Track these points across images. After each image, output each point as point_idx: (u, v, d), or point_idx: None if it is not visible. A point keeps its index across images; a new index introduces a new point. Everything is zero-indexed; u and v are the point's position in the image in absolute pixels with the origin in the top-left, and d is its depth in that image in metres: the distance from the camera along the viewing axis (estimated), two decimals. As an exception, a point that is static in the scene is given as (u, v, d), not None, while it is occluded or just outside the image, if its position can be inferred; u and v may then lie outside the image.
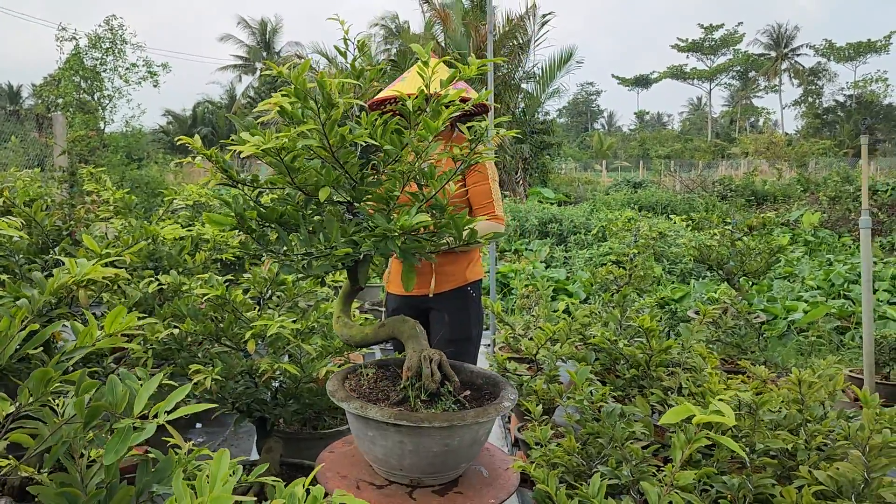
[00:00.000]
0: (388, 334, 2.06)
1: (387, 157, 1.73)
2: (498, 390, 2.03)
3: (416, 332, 1.99)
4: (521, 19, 21.37)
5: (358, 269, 1.94)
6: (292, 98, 1.60)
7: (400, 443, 1.76)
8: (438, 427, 1.72)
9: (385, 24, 28.53)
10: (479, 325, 2.88)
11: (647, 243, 5.79)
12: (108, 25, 14.68)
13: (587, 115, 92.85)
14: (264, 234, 1.78)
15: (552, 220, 13.80)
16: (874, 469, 1.88)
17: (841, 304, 7.19)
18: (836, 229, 14.12)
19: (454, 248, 1.87)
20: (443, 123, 1.72)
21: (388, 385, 2.02)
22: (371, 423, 1.78)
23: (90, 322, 1.28)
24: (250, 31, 45.94)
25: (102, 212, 3.66)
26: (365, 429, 1.82)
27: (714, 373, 2.74)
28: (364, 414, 1.75)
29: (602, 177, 34.46)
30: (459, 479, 1.94)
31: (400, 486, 1.86)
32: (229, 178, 1.82)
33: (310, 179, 1.69)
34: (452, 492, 1.86)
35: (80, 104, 14.47)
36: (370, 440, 1.83)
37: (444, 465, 1.83)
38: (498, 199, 2.74)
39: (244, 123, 1.81)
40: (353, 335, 2.07)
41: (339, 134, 1.57)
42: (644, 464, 2.02)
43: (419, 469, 1.81)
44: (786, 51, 62.95)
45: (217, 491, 1.01)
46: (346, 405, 1.81)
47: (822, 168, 28.46)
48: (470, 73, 1.76)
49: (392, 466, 1.83)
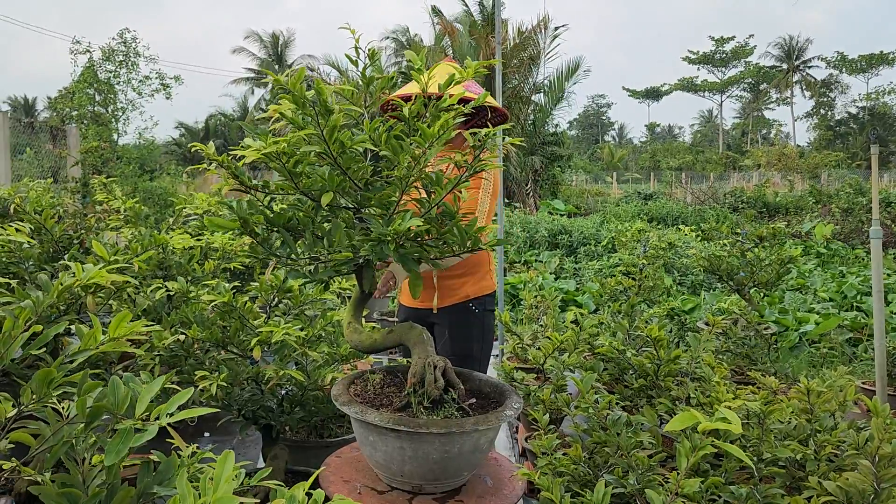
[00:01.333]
0: (396, 340, 2.06)
1: (388, 162, 1.73)
2: (504, 398, 2.02)
3: (423, 339, 1.99)
4: (533, 32, 21.45)
5: (363, 275, 1.94)
6: (291, 105, 1.61)
7: (400, 448, 1.75)
8: (437, 433, 1.71)
9: (396, 37, 28.77)
10: (482, 341, 2.82)
11: (656, 254, 5.76)
12: (121, 38, 14.85)
13: (598, 127, 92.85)
14: (268, 239, 1.79)
15: (562, 232, 13.77)
16: (884, 479, 1.86)
17: (854, 316, 7.12)
18: (849, 241, 14.00)
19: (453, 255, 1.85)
20: (441, 129, 1.72)
21: (393, 391, 2.03)
22: (371, 428, 1.78)
23: (95, 325, 1.28)
24: (263, 44, 46.36)
25: (113, 221, 3.69)
26: (366, 434, 1.83)
27: (722, 383, 2.71)
28: (363, 418, 1.75)
29: (613, 189, 34.42)
30: (462, 488, 1.93)
31: (401, 493, 1.85)
32: (241, 185, 1.83)
33: (315, 185, 1.70)
34: (454, 500, 1.85)
35: (94, 116, 14.62)
36: (371, 445, 1.83)
37: (444, 473, 1.82)
38: (484, 212, 2.63)
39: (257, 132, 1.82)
40: (363, 340, 2.07)
41: (338, 140, 1.58)
42: (650, 472, 2.01)
43: (419, 476, 1.80)
44: (797, 63, 62.78)
45: (221, 492, 1.01)
46: (348, 409, 1.81)
47: (835, 180, 28.31)
48: (468, 76, 1.77)
49: (393, 472, 1.83)
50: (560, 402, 3.03)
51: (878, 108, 56.65)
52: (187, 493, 0.93)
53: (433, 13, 23.29)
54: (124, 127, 15.32)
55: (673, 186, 29.20)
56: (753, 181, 31.69)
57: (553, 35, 21.73)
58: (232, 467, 1.02)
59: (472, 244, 1.79)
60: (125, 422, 1.05)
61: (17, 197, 3.20)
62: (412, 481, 1.83)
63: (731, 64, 70.20)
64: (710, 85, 71.54)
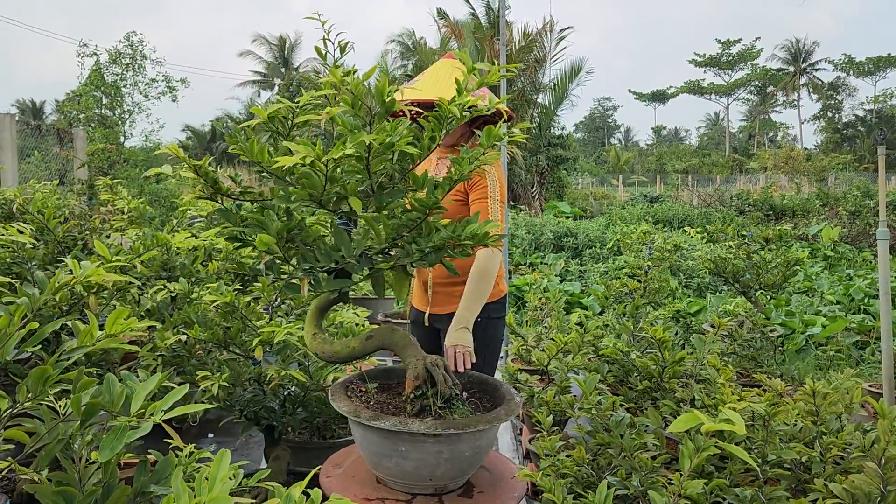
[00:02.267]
0: (376, 346, 1.96)
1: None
2: (487, 387, 2.09)
3: (410, 341, 1.94)
4: (539, 34, 21.45)
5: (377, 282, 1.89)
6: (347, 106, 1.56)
7: (437, 452, 1.72)
8: (473, 431, 1.72)
9: (402, 40, 28.78)
10: (486, 350, 2.65)
11: (661, 256, 5.74)
12: (128, 41, 14.91)
13: (604, 130, 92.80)
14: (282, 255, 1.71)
15: (567, 234, 13.76)
16: (890, 482, 1.84)
17: (861, 319, 7.07)
18: (857, 244, 13.94)
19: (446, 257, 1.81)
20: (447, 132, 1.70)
21: (386, 396, 1.99)
22: (404, 437, 1.71)
23: (91, 322, 1.28)
24: (269, 47, 46.49)
25: (117, 221, 3.70)
26: (396, 444, 1.74)
27: (727, 384, 2.69)
28: (406, 429, 1.67)
29: (619, 191, 34.37)
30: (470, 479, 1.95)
31: (428, 497, 1.82)
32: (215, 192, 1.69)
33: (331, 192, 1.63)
34: (476, 491, 1.88)
35: (101, 119, 14.67)
36: (401, 455, 1.74)
37: (470, 467, 1.85)
38: (497, 220, 2.53)
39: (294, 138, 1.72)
40: (338, 351, 1.94)
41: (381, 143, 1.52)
42: (653, 474, 1.99)
43: (449, 476, 1.79)
44: (804, 66, 62.62)
45: (216, 491, 1.00)
46: (381, 423, 1.71)
47: (842, 183, 28.21)
48: (493, 80, 1.73)
49: (421, 478, 1.77)
50: (564, 404, 3.01)
51: (885, 111, 56.40)
52: (182, 492, 0.92)
53: (439, 16, 23.32)
54: (130, 129, 15.38)
55: (679, 189, 29.14)
56: (760, 184, 31.59)
57: (559, 38, 21.75)
58: (228, 466, 1.01)
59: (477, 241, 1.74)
60: (120, 418, 1.05)
61: (21, 198, 3.20)
62: (440, 482, 1.80)
63: (738, 66, 70.05)
64: (717, 88, 71.39)
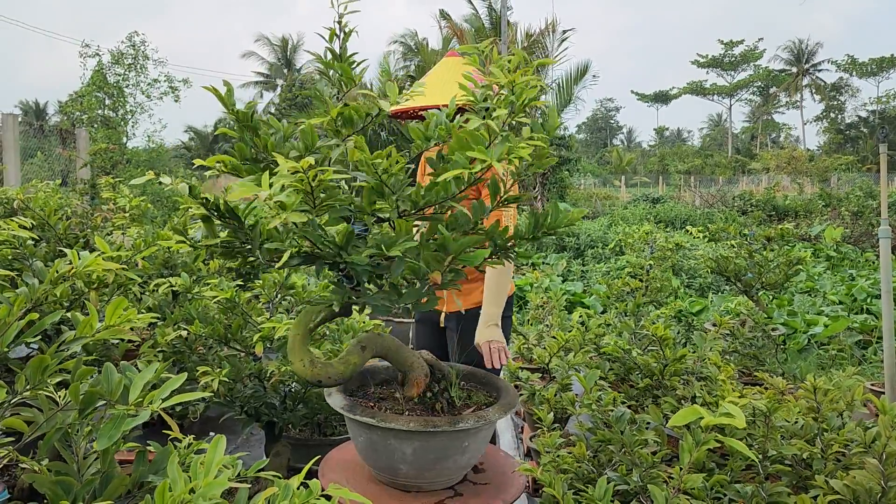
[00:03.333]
0: (373, 355, 1.91)
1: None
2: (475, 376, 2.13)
3: (399, 342, 1.93)
4: (541, 35, 21.43)
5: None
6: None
7: (465, 446, 1.74)
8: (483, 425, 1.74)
9: (404, 41, 28.79)
10: None
11: (663, 255, 5.73)
12: (130, 42, 14.95)
13: (606, 131, 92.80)
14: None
15: (569, 234, 13.75)
16: (891, 478, 1.83)
17: (863, 318, 7.06)
18: (859, 245, 13.92)
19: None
20: None
21: (389, 396, 1.98)
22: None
23: (91, 313, 1.28)
24: (272, 48, 46.56)
25: (118, 220, 3.70)
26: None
27: (728, 382, 2.69)
28: (455, 427, 1.65)
29: (621, 192, 34.36)
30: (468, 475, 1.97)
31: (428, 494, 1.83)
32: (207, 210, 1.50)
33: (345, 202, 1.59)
34: (475, 486, 1.89)
35: (103, 120, 14.70)
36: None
37: (469, 462, 1.86)
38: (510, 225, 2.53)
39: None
40: (342, 371, 1.78)
41: None
42: (653, 469, 1.99)
43: (468, 465, 1.83)
44: (807, 66, 62.59)
45: (212, 476, 1.00)
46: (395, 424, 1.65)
47: (845, 183, 28.17)
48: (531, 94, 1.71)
49: (438, 472, 1.78)
50: (565, 402, 3.00)
51: (888, 112, 56.32)
52: (178, 478, 0.92)
53: (441, 17, 23.33)
54: (133, 130, 15.41)
55: (681, 190, 29.12)
56: (763, 185, 31.56)
57: (561, 39, 21.71)
58: (223, 452, 1.01)
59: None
60: (118, 407, 1.05)
61: (23, 196, 3.21)
62: (454, 476, 1.81)
63: (741, 67, 70.06)
64: (719, 88, 71.39)
